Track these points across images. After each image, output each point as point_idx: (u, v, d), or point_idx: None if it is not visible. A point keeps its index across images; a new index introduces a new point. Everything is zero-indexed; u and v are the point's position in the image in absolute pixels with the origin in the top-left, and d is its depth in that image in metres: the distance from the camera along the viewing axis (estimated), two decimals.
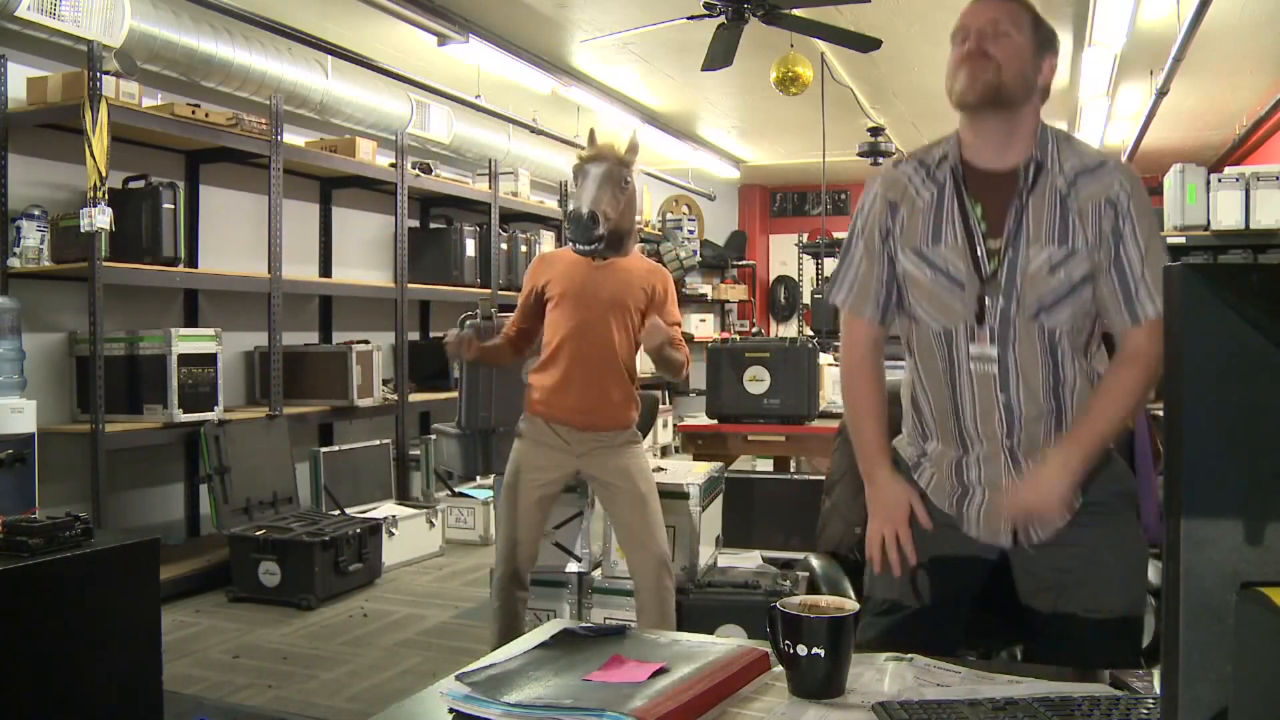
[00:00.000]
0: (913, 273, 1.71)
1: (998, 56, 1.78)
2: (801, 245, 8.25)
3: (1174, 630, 0.71)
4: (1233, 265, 0.79)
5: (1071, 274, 1.63)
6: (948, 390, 1.70)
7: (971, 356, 1.67)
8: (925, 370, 1.74)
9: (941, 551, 1.71)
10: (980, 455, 1.69)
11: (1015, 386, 1.65)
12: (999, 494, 1.66)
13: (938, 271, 1.68)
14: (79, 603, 2.34)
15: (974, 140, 1.79)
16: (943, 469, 1.73)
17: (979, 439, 1.68)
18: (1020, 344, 1.64)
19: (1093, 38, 5.41)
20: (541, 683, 1.08)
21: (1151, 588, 1.72)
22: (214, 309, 5.24)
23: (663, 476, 3.46)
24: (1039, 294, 1.63)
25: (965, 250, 1.67)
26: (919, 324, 1.73)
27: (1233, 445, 0.71)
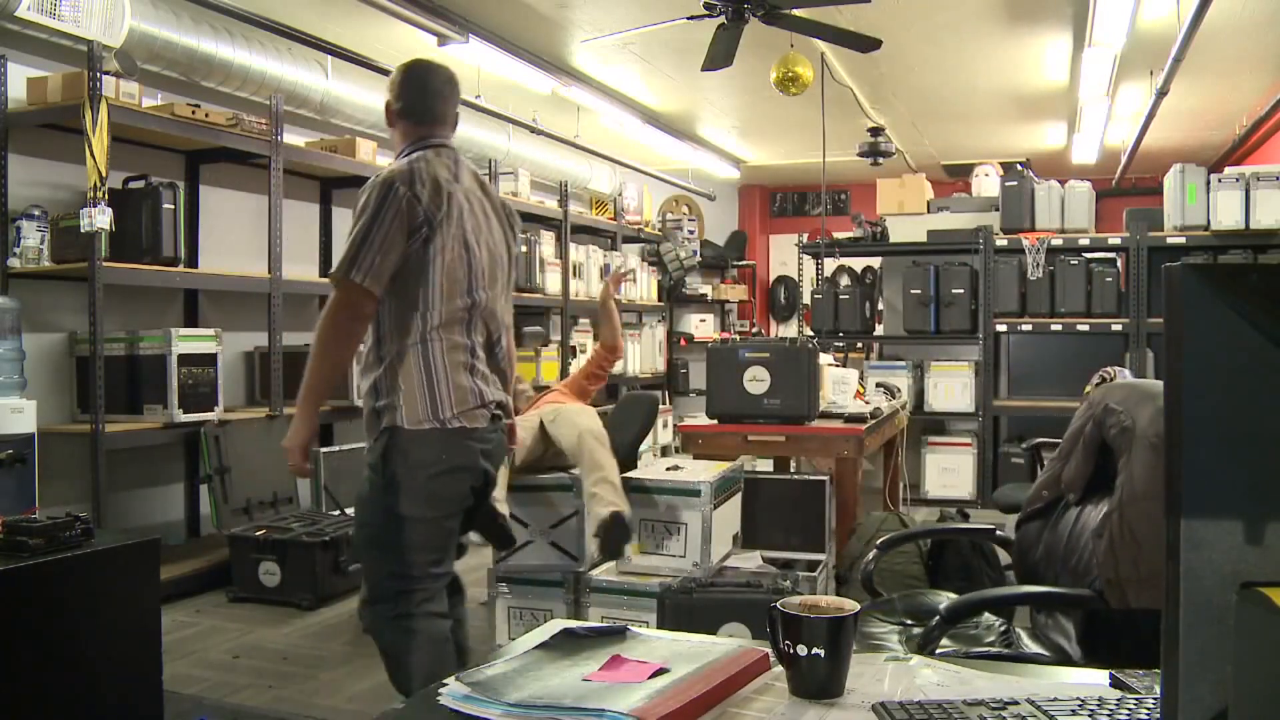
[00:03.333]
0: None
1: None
2: (801, 245, 8.24)
3: (1174, 630, 0.71)
4: (1233, 265, 0.79)
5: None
6: None
7: None
8: None
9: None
10: None
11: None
12: None
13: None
14: (79, 603, 2.34)
15: None
16: None
17: None
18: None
19: (1093, 38, 5.41)
20: (541, 683, 1.08)
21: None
22: (214, 309, 5.24)
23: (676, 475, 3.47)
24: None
25: None
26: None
27: (1233, 445, 0.71)
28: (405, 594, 2.43)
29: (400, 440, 2.38)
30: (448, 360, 2.41)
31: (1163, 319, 0.75)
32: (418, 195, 2.41)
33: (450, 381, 2.41)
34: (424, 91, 2.59)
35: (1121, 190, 9.77)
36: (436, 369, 2.40)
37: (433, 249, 2.42)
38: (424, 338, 2.41)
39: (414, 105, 2.58)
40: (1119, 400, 1.91)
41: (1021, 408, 6.76)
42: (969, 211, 7.26)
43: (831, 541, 3.96)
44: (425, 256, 2.41)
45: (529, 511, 3.48)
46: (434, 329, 2.41)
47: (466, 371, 2.45)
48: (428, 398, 2.39)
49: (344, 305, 2.38)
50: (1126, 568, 1.74)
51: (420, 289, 2.41)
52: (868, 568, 2.49)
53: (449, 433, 2.40)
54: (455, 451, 2.43)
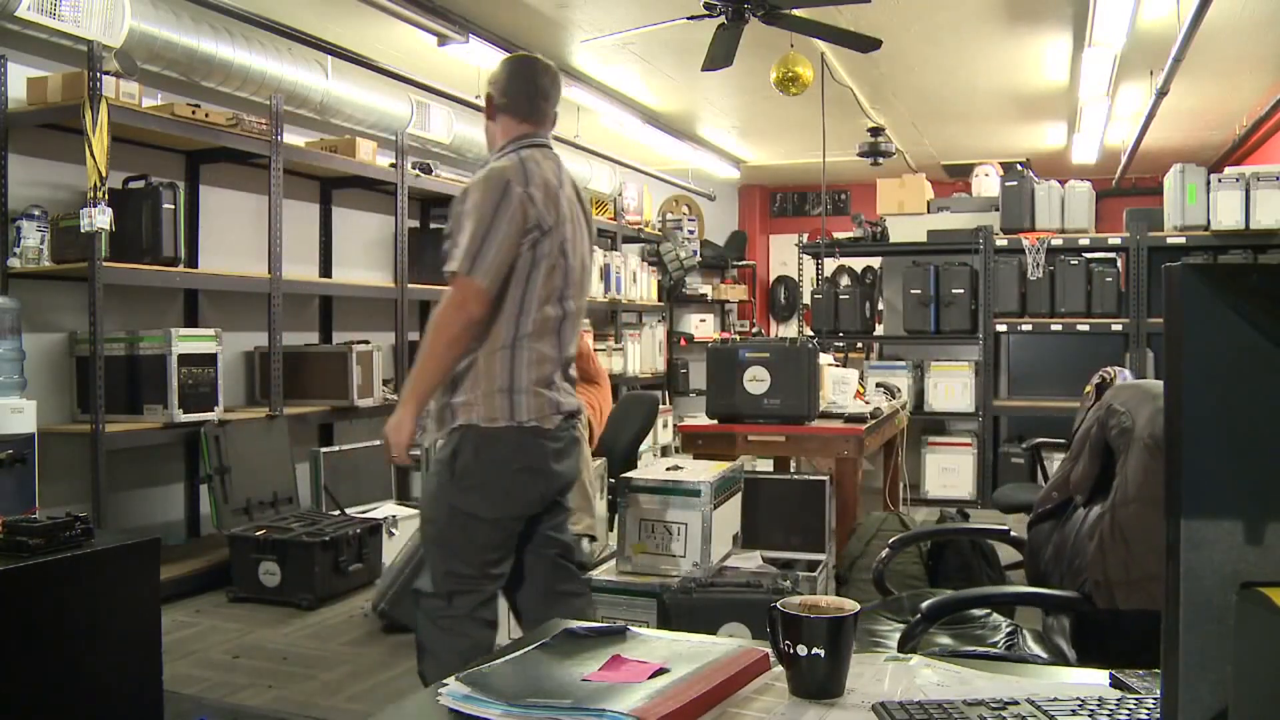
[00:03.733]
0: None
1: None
2: (801, 245, 8.24)
3: (1174, 630, 0.71)
4: (1233, 265, 0.79)
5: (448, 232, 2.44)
6: None
7: None
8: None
9: None
10: None
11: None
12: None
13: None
14: (79, 603, 2.34)
15: None
16: None
17: None
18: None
19: (1093, 38, 5.41)
20: (541, 683, 1.08)
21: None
22: (214, 309, 5.24)
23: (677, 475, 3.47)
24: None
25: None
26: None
27: (1233, 445, 0.71)
28: (460, 594, 2.42)
29: (473, 437, 2.37)
30: (532, 372, 2.41)
31: (1163, 319, 0.75)
32: (532, 197, 2.39)
33: (531, 392, 2.41)
34: (533, 89, 2.56)
35: (1121, 190, 9.77)
36: (520, 378, 2.40)
37: (538, 253, 2.41)
38: (513, 344, 2.39)
39: (520, 101, 2.55)
40: (1123, 401, 1.91)
41: (1021, 408, 6.77)
42: (969, 211, 7.27)
43: (831, 541, 3.96)
44: (530, 260, 2.40)
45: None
46: (525, 336, 2.41)
47: (546, 385, 2.45)
48: (508, 402, 2.38)
49: (462, 304, 2.34)
50: (1116, 570, 1.74)
51: (518, 293, 2.40)
52: (879, 567, 2.52)
53: (524, 431, 2.40)
54: (529, 451, 2.43)
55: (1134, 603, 1.71)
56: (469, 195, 2.40)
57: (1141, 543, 1.70)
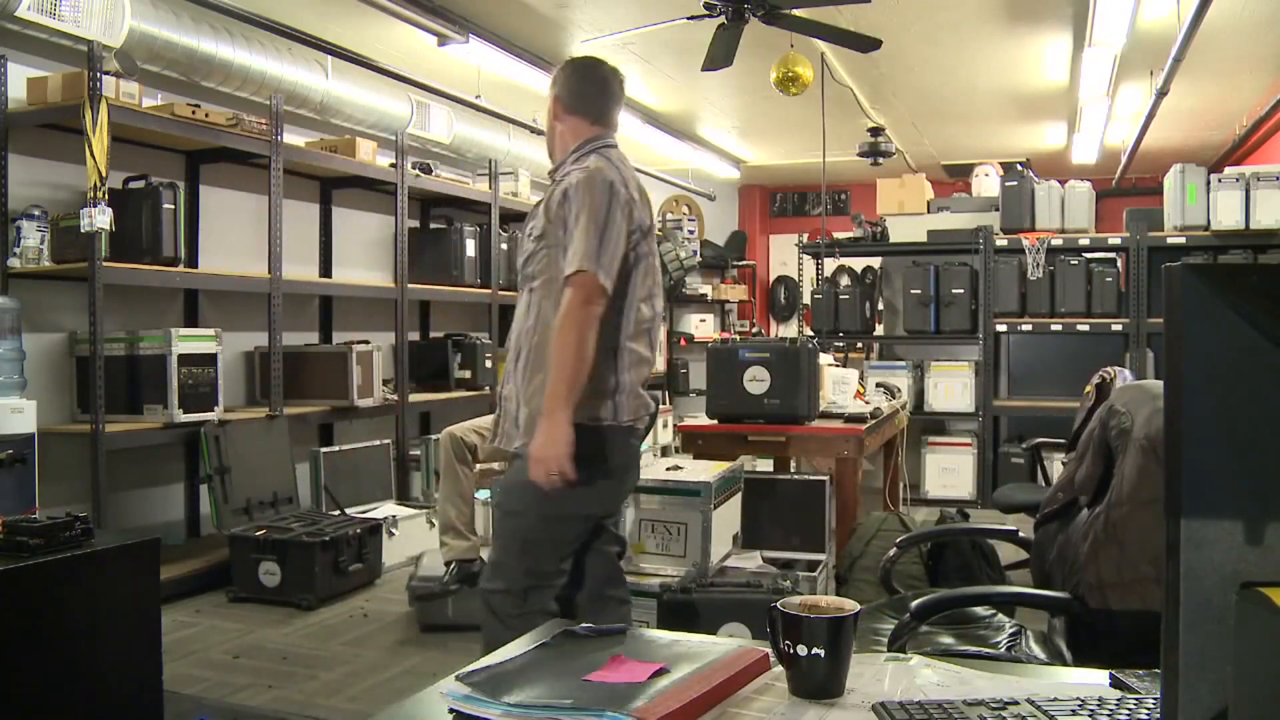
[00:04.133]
0: None
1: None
2: (801, 245, 8.24)
3: (1174, 630, 0.71)
4: (1233, 265, 0.79)
5: (533, 233, 2.45)
6: None
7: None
8: None
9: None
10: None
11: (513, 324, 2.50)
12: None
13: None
14: (79, 603, 2.34)
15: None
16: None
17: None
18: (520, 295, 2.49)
19: (1093, 38, 5.41)
20: (541, 683, 1.08)
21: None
22: (214, 309, 5.24)
23: (677, 475, 3.47)
24: (521, 253, 2.48)
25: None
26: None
27: (1233, 445, 0.71)
28: (536, 590, 2.42)
29: (578, 437, 2.33)
30: (632, 374, 2.42)
31: (1163, 319, 0.75)
32: (633, 197, 2.40)
33: (632, 393, 2.42)
34: (605, 92, 2.57)
35: (1121, 190, 9.77)
36: (623, 379, 2.40)
37: (638, 254, 2.42)
38: (616, 348, 2.39)
39: (593, 104, 2.55)
40: (1124, 402, 1.91)
41: (1021, 408, 6.76)
42: (969, 211, 7.26)
43: (831, 541, 3.96)
44: (632, 261, 2.41)
45: None
46: (627, 339, 2.41)
47: (641, 385, 2.47)
48: (612, 403, 2.38)
49: (586, 302, 2.31)
50: (1109, 571, 1.74)
51: (621, 294, 2.40)
52: (886, 565, 2.54)
53: (622, 430, 2.41)
54: (627, 450, 2.45)
55: (1126, 604, 1.71)
56: (571, 197, 2.37)
57: (1134, 544, 1.70)
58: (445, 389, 6.41)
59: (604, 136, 2.54)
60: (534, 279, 2.45)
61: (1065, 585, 1.98)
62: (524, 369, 2.43)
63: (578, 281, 2.31)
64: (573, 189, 2.38)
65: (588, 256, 2.30)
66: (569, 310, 2.31)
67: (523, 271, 2.50)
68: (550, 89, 2.61)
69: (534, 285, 2.45)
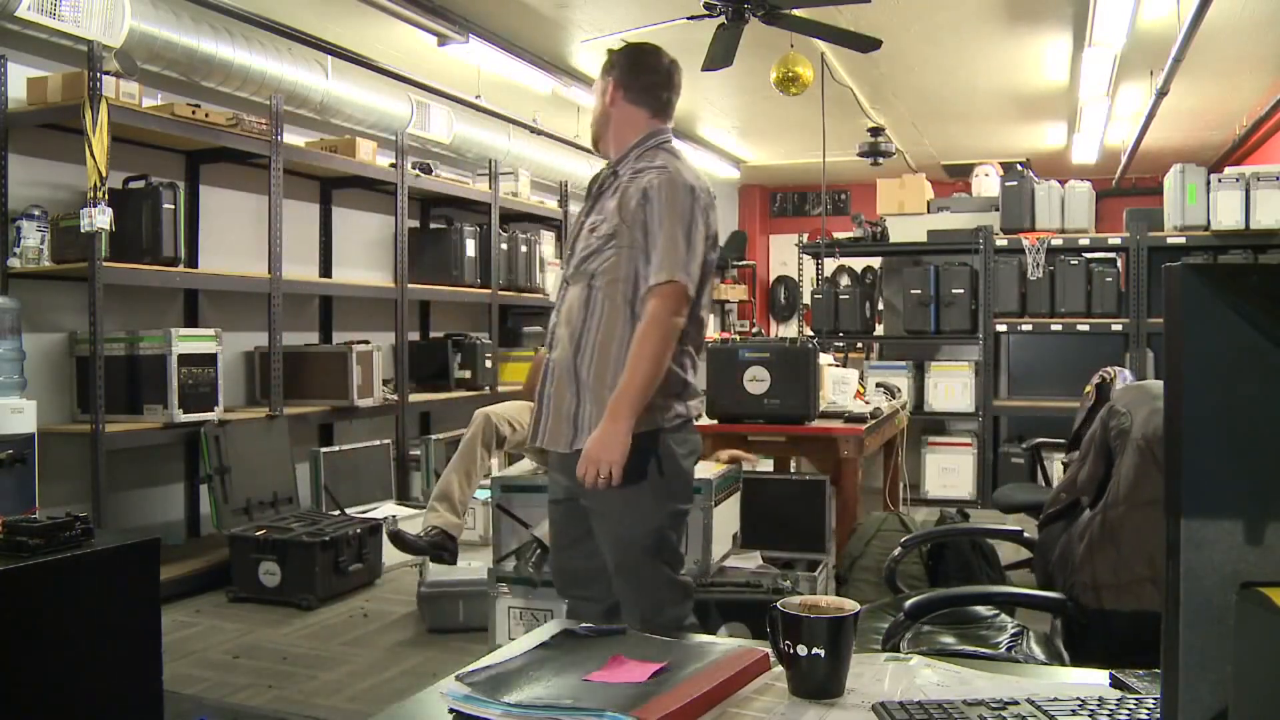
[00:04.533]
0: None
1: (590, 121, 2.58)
2: (801, 245, 8.24)
3: (1174, 630, 0.71)
4: (1233, 265, 0.79)
5: (600, 230, 2.35)
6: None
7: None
8: None
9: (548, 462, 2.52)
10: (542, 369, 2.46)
11: (560, 318, 2.41)
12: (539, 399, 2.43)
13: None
14: (79, 603, 2.34)
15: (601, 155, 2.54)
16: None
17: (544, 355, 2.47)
18: (570, 287, 2.39)
19: (1093, 38, 5.41)
20: (541, 683, 1.08)
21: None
22: (214, 309, 5.24)
23: None
24: (580, 247, 2.39)
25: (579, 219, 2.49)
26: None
27: (1233, 445, 0.71)
28: (687, 592, 2.41)
29: (663, 439, 2.32)
30: (696, 374, 2.42)
31: (1163, 319, 0.75)
32: (710, 203, 2.38)
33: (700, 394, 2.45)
34: (669, 85, 2.48)
35: (1121, 190, 9.77)
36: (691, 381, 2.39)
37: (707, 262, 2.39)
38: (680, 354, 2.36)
39: (654, 97, 2.46)
40: (1125, 402, 1.91)
41: (1021, 408, 6.76)
42: (969, 211, 7.26)
43: (831, 541, 3.96)
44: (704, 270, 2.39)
45: (529, 512, 3.47)
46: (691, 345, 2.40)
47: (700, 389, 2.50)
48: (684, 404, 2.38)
49: (674, 312, 2.27)
50: (1105, 572, 1.74)
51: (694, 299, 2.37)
52: (890, 565, 2.55)
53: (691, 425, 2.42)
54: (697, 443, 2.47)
55: (1121, 604, 1.71)
56: (652, 200, 2.30)
57: (1130, 545, 1.70)
58: (445, 389, 6.41)
59: (665, 132, 2.47)
60: (596, 276, 2.35)
61: (1064, 586, 1.98)
62: (589, 367, 2.34)
63: (668, 291, 2.26)
64: (654, 191, 2.31)
65: (678, 265, 2.26)
66: (658, 319, 2.26)
67: (580, 267, 2.39)
68: (607, 72, 2.47)
69: (597, 283, 2.35)
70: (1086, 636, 1.82)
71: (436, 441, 6.01)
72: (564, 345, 2.39)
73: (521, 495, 3.49)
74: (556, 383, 2.40)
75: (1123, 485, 1.75)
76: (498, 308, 6.90)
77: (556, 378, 2.40)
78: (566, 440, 2.36)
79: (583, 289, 2.37)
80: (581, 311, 2.37)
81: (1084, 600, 1.78)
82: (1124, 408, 1.89)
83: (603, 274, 2.34)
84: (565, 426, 2.36)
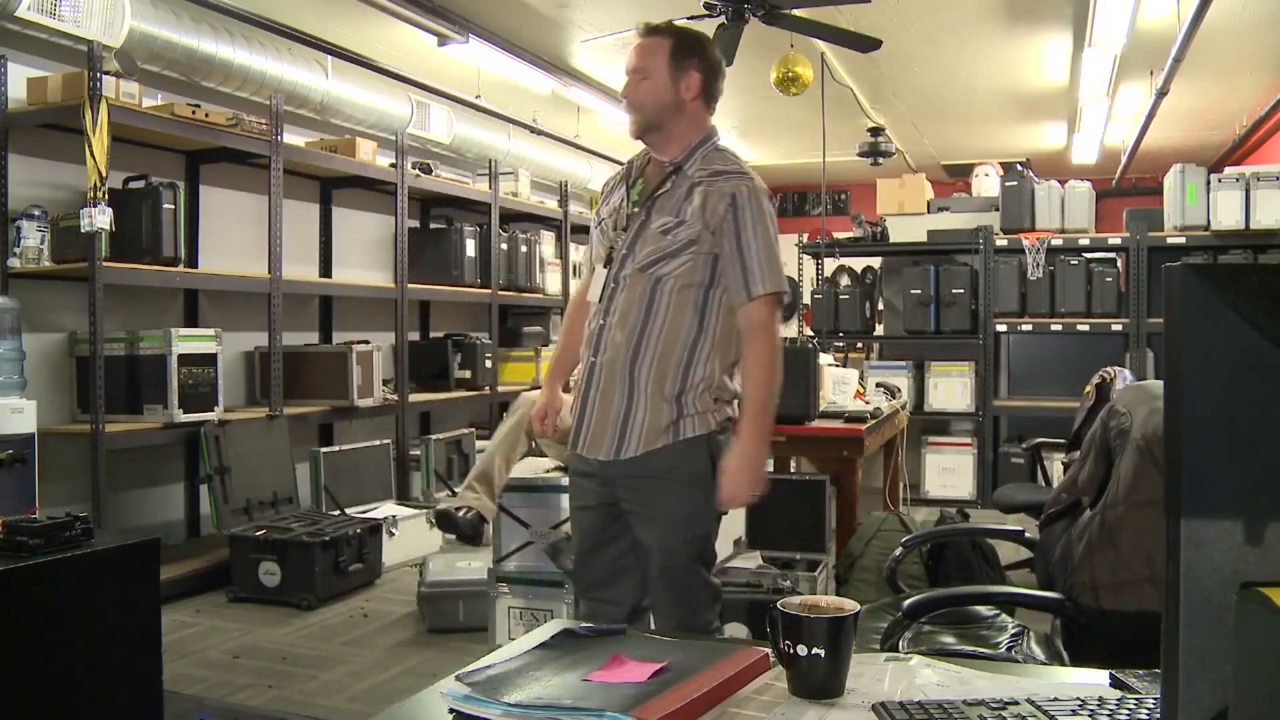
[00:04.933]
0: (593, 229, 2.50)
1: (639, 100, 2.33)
2: (801, 245, 8.24)
3: (1174, 630, 0.71)
4: (1233, 265, 0.79)
5: (678, 234, 2.26)
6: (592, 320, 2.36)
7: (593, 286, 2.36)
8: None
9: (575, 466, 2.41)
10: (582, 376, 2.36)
11: (613, 319, 2.30)
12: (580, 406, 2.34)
13: (598, 228, 2.44)
14: (79, 603, 2.34)
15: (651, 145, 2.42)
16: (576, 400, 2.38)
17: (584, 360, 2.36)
18: (629, 284, 2.29)
19: (1093, 38, 5.41)
20: (541, 683, 1.08)
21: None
22: (214, 309, 5.24)
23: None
24: (649, 248, 2.27)
25: (614, 211, 2.38)
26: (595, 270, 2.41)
27: (1233, 445, 0.71)
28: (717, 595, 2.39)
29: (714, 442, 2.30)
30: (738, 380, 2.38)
31: (1163, 319, 0.75)
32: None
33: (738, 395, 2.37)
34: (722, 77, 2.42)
35: (1121, 190, 9.77)
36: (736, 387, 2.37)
37: None
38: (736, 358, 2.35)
39: (717, 97, 2.40)
40: (1125, 402, 1.91)
41: (1021, 408, 6.77)
42: (969, 211, 7.26)
43: (831, 541, 3.96)
44: None
45: (529, 513, 3.48)
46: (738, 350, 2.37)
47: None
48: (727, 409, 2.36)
49: (779, 319, 2.30)
50: (1103, 572, 1.74)
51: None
52: (892, 564, 2.56)
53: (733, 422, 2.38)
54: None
55: (1120, 605, 1.71)
56: (741, 208, 2.26)
57: (1129, 545, 1.70)
58: (445, 389, 6.41)
59: (715, 131, 2.43)
60: (665, 279, 2.27)
61: (1063, 586, 1.98)
62: (648, 371, 2.27)
63: (773, 301, 2.27)
64: (744, 199, 2.26)
65: (779, 276, 2.27)
66: (770, 330, 2.27)
67: (648, 269, 2.27)
68: (686, 57, 2.33)
69: (665, 286, 2.27)
70: (1086, 636, 1.82)
71: (436, 441, 6.01)
72: (618, 348, 2.29)
73: (521, 495, 3.49)
74: (603, 386, 2.31)
75: (1122, 485, 1.74)
76: (498, 308, 6.90)
77: (603, 381, 2.31)
78: (610, 448, 2.29)
79: (645, 290, 2.28)
80: (642, 313, 2.28)
81: (1083, 600, 1.78)
82: (1124, 408, 1.89)
83: (676, 277, 2.26)
84: (610, 432, 2.29)
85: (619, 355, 2.29)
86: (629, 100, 2.35)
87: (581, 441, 2.33)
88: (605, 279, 2.34)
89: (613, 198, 2.43)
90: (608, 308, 2.32)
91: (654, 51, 2.32)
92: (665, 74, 2.31)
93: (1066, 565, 1.99)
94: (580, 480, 2.42)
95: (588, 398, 2.33)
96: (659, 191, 2.32)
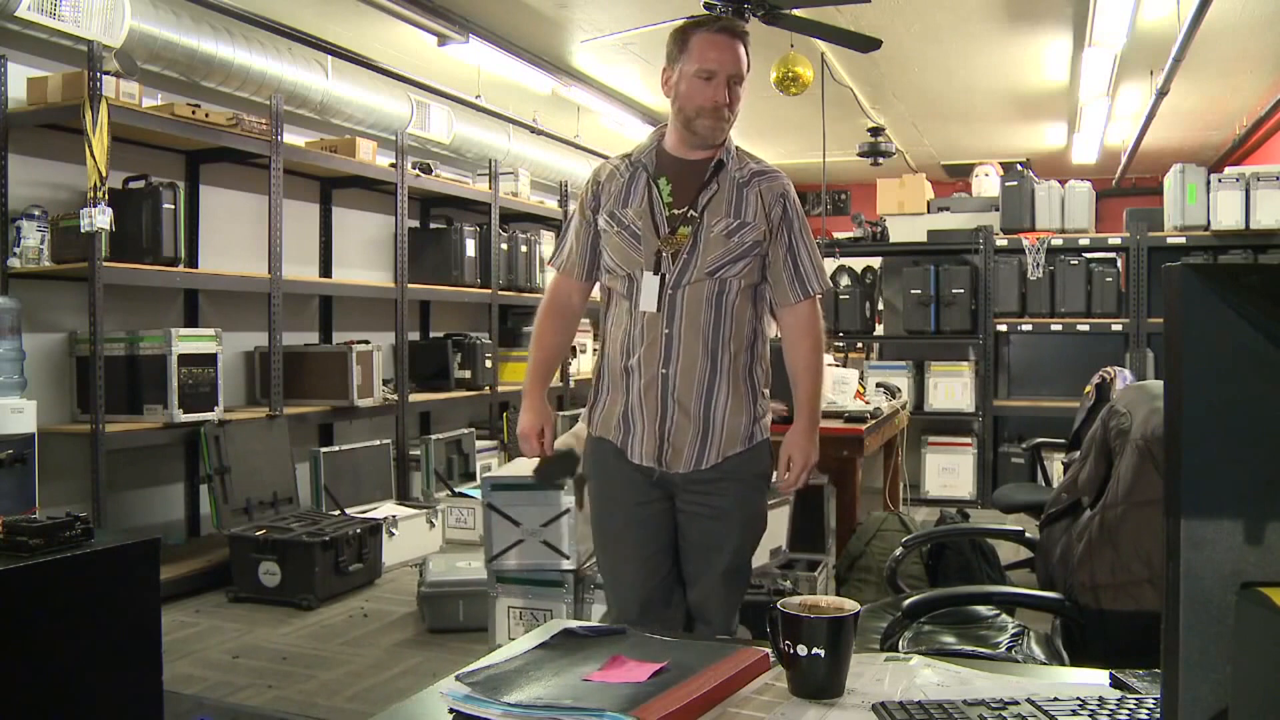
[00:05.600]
0: (605, 230, 2.28)
1: (737, 109, 2.23)
2: None
3: (1174, 630, 0.71)
4: (1233, 265, 0.79)
5: (744, 237, 2.21)
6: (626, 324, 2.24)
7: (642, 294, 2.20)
8: (614, 315, 2.29)
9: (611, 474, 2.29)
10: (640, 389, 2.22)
11: (679, 323, 2.20)
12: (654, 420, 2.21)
13: (623, 228, 2.25)
14: (79, 603, 2.34)
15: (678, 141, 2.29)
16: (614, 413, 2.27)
17: (639, 372, 2.22)
18: (691, 289, 2.20)
19: (1093, 38, 5.41)
20: (541, 683, 1.08)
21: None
22: (214, 309, 5.24)
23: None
24: (716, 252, 2.19)
25: (646, 212, 2.23)
26: (611, 274, 2.27)
27: (1233, 445, 0.71)
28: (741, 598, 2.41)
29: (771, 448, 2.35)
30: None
31: (1163, 319, 0.75)
32: None
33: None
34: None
35: (1121, 190, 9.77)
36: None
37: None
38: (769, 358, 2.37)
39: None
40: (1125, 403, 1.91)
41: (1021, 408, 6.77)
42: (969, 211, 7.27)
43: (831, 541, 3.96)
44: None
45: (520, 511, 3.48)
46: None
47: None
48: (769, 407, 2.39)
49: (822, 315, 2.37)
50: (1103, 572, 1.74)
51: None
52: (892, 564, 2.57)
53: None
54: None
55: (1119, 605, 1.71)
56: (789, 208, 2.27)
57: (1128, 545, 1.70)
58: (445, 389, 6.41)
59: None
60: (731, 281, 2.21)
61: (1063, 586, 1.98)
62: (727, 378, 2.23)
63: (820, 300, 2.34)
64: (791, 199, 2.26)
65: (825, 276, 2.34)
66: (819, 326, 2.35)
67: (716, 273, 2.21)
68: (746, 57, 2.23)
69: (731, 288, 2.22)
70: (1086, 637, 1.82)
71: (436, 441, 6.01)
72: (694, 357, 2.21)
73: (512, 494, 3.48)
74: (679, 397, 2.22)
75: (1121, 485, 1.74)
76: (498, 308, 6.90)
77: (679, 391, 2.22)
78: (690, 459, 2.24)
79: (712, 295, 2.21)
80: (712, 319, 2.21)
81: (1083, 600, 1.78)
82: (1124, 408, 1.89)
83: (740, 278, 2.22)
84: (691, 445, 2.23)
85: (695, 364, 2.21)
86: (732, 110, 2.21)
87: (660, 457, 2.24)
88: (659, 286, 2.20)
89: (631, 198, 2.27)
90: (670, 315, 2.21)
91: (745, 56, 2.22)
92: (745, 81, 2.24)
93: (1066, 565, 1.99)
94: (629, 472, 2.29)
95: (664, 411, 2.22)
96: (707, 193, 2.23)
